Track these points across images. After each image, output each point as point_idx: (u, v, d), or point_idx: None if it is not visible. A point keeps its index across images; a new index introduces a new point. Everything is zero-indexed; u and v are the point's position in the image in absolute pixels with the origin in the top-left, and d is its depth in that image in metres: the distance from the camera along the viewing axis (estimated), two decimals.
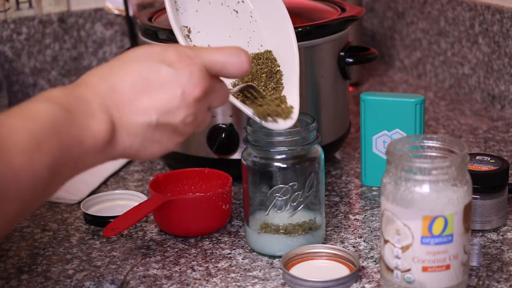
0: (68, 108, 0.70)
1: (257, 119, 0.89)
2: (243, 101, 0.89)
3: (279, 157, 0.90)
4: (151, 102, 0.73)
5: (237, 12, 0.97)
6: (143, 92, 0.73)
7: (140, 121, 0.73)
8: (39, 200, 0.69)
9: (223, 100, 0.80)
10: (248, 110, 0.90)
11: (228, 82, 0.92)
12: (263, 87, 0.92)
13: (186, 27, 0.94)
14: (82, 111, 0.70)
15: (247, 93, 0.88)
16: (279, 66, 0.93)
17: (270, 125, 0.88)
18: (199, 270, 0.91)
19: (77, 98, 0.71)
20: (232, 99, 0.90)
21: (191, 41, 0.94)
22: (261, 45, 0.96)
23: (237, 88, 0.87)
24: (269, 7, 0.96)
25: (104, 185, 1.14)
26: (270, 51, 0.94)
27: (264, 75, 0.92)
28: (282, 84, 0.93)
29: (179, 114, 0.74)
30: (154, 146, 0.75)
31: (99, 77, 0.74)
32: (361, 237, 0.97)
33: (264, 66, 0.93)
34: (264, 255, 0.93)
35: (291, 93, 0.92)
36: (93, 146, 0.71)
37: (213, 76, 0.77)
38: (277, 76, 0.93)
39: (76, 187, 1.11)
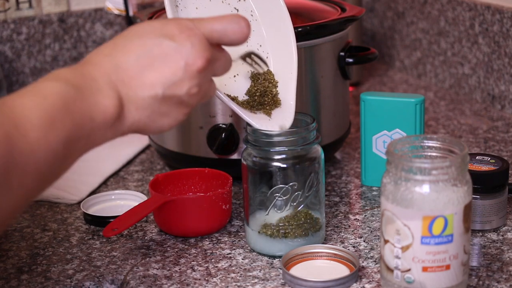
0: (76, 85, 0.71)
1: (254, 124, 0.89)
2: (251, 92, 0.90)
3: (279, 157, 0.90)
4: (155, 75, 0.75)
5: (237, 10, 0.97)
6: (147, 67, 0.75)
7: (146, 95, 0.75)
8: (55, 175, 0.71)
9: (226, 68, 0.81)
10: (244, 115, 0.90)
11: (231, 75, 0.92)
12: (257, 104, 0.92)
13: None
14: (90, 88, 0.72)
15: (250, 61, 0.88)
16: (276, 87, 0.93)
17: (265, 127, 0.88)
18: (199, 270, 0.91)
19: (85, 76, 0.73)
20: (230, 103, 0.90)
21: None
22: (260, 45, 0.96)
23: (241, 53, 0.87)
24: (270, 7, 0.96)
25: (104, 185, 1.14)
26: (271, 72, 0.94)
27: (258, 93, 0.93)
28: (278, 99, 0.93)
29: (184, 85, 0.76)
30: (162, 118, 0.77)
31: (104, 55, 0.75)
32: (361, 237, 0.97)
33: (260, 86, 0.93)
34: (264, 255, 0.93)
35: (288, 96, 0.92)
36: (103, 121, 0.72)
37: (215, 45, 0.79)
38: (273, 93, 0.93)
39: (76, 187, 1.11)
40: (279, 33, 0.96)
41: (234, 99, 0.92)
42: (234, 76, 0.94)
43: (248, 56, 0.89)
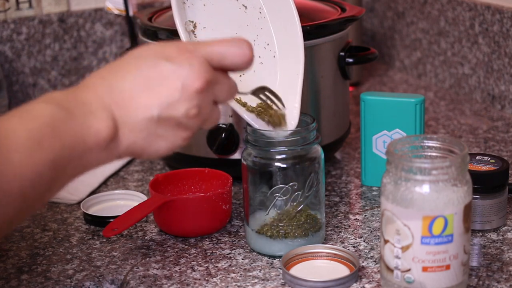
0: (67, 108, 0.70)
1: (254, 124, 0.89)
2: (259, 112, 0.89)
3: (279, 157, 0.90)
4: (151, 97, 0.73)
5: (246, 7, 0.96)
6: (143, 89, 0.73)
7: (141, 117, 0.73)
8: (42, 199, 0.69)
9: (230, 94, 0.79)
10: (245, 114, 0.90)
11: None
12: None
13: (192, 21, 0.94)
14: (82, 110, 0.71)
15: (263, 96, 0.87)
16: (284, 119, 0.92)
17: (269, 131, 0.89)
18: (199, 270, 0.91)
19: (77, 99, 0.72)
20: (230, 101, 0.90)
21: (195, 37, 0.93)
22: (268, 44, 0.96)
23: (251, 90, 0.85)
24: (279, 5, 0.96)
25: (104, 185, 1.14)
26: (283, 114, 0.91)
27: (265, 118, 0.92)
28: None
29: (181, 107, 0.73)
30: (158, 141, 0.75)
31: (99, 77, 0.74)
32: (361, 237, 0.97)
33: (267, 116, 0.92)
34: (264, 255, 0.93)
35: (294, 97, 0.92)
36: (95, 144, 0.71)
37: (218, 69, 0.77)
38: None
39: (76, 187, 1.11)
40: (287, 33, 0.95)
41: (236, 99, 0.92)
42: (240, 76, 0.94)
43: (261, 93, 0.87)
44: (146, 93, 0.73)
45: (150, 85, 0.73)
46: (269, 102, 0.87)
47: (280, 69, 0.96)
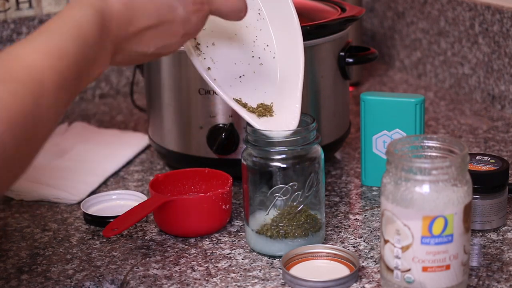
0: (93, 45, 0.73)
1: (255, 124, 0.89)
2: (259, 112, 0.92)
3: (279, 157, 0.90)
4: (154, 36, 0.80)
5: None
6: (152, 26, 0.79)
7: (139, 50, 0.80)
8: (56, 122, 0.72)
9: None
10: (245, 114, 0.90)
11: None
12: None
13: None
14: (102, 45, 0.74)
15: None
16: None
17: (269, 130, 0.89)
18: (199, 270, 0.91)
19: (102, 29, 0.74)
20: (231, 102, 0.90)
21: (195, 39, 0.93)
22: (267, 45, 0.96)
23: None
24: (278, 6, 0.96)
25: (104, 185, 1.14)
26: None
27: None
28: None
29: (171, 48, 0.83)
30: (132, 62, 0.84)
31: (123, 3, 0.76)
32: (361, 237, 0.97)
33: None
34: (264, 255, 0.93)
35: (294, 97, 0.92)
36: (96, 75, 0.75)
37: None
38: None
39: (76, 187, 1.11)
40: (287, 34, 0.95)
41: (237, 100, 0.92)
42: (240, 77, 0.94)
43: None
44: (152, 32, 0.79)
45: (159, 26, 0.79)
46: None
47: (280, 69, 0.96)
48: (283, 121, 0.91)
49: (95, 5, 0.74)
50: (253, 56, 0.96)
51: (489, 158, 0.99)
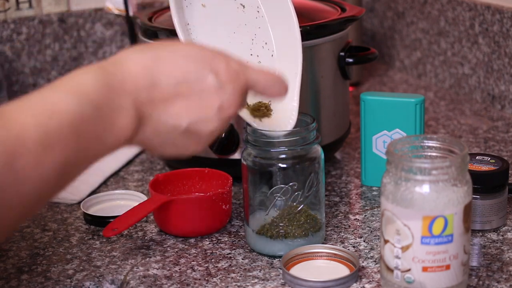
0: (95, 102, 0.65)
1: (254, 124, 0.89)
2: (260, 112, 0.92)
3: (279, 157, 0.90)
4: (186, 107, 0.71)
5: (243, 6, 0.96)
6: (182, 95, 0.71)
7: (170, 123, 0.71)
8: (42, 204, 0.65)
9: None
10: (243, 113, 0.90)
11: None
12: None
13: (188, 24, 0.94)
14: (111, 105, 0.67)
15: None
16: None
17: (269, 131, 0.89)
18: (199, 270, 0.91)
19: (110, 89, 0.67)
20: None
21: (191, 34, 0.93)
22: (266, 43, 0.96)
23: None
24: (276, 5, 0.96)
25: (104, 185, 1.14)
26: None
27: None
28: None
29: (209, 125, 0.73)
30: (171, 147, 0.74)
31: (142, 66, 0.70)
32: (361, 237, 0.97)
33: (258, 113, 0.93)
34: (264, 255, 0.93)
35: (292, 96, 0.92)
36: (115, 142, 0.68)
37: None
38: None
39: (76, 187, 1.11)
40: (285, 33, 0.95)
41: None
42: None
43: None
44: (184, 102, 0.71)
45: (189, 94, 0.71)
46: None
47: (278, 68, 0.96)
48: (280, 120, 0.91)
49: (105, 67, 0.68)
50: (251, 54, 0.96)
51: (489, 158, 0.99)
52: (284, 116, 0.92)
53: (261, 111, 0.92)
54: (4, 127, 0.61)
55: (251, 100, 0.93)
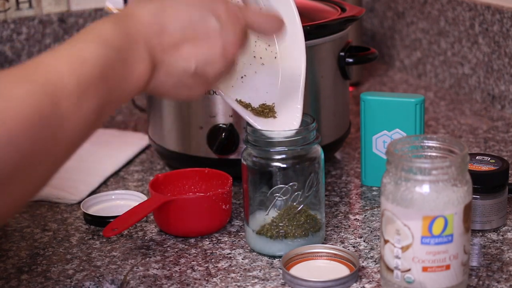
0: (118, 48, 0.72)
1: (256, 125, 0.89)
2: (262, 113, 0.92)
3: (279, 157, 0.90)
4: (194, 50, 0.77)
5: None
6: (189, 39, 0.77)
7: (180, 65, 0.77)
8: (82, 142, 0.70)
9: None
10: (247, 115, 0.90)
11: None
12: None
13: None
14: (130, 50, 0.73)
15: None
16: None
17: (270, 130, 0.89)
18: (199, 270, 0.91)
19: (128, 35, 0.73)
20: (232, 103, 0.90)
21: None
22: (269, 45, 0.96)
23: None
24: (280, 6, 0.95)
25: (104, 185, 1.14)
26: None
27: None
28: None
29: (216, 66, 0.79)
30: (183, 89, 0.80)
31: (151, 14, 0.76)
32: (361, 237, 0.97)
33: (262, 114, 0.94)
34: (264, 255, 0.93)
35: (296, 98, 0.92)
36: (135, 85, 0.74)
37: None
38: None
39: (76, 187, 1.11)
40: (289, 34, 0.95)
41: (238, 101, 0.92)
42: (242, 77, 0.94)
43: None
44: (191, 45, 0.77)
45: (195, 37, 0.77)
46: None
47: (281, 70, 0.95)
48: (284, 121, 0.91)
49: (119, 17, 0.75)
50: (254, 56, 0.96)
51: (489, 158, 0.99)
52: (288, 117, 0.92)
53: (265, 113, 0.92)
54: (43, 75, 0.66)
55: (255, 103, 0.93)
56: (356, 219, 1.02)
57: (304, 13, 1.07)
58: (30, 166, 0.64)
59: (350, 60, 1.13)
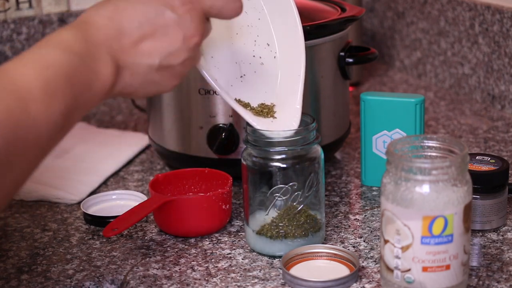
0: (79, 53, 0.72)
1: (255, 124, 0.89)
2: (261, 112, 0.92)
3: (279, 157, 0.90)
4: (154, 45, 0.77)
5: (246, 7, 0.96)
6: (148, 35, 0.77)
7: (144, 63, 0.77)
8: (53, 147, 0.71)
9: (207, 36, 0.84)
10: (246, 114, 0.90)
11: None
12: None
13: None
14: (93, 56, 0.73)
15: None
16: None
17: (270, 130, 0.89)
18: (199, 270, 0.91)
19: (87, 42, 0.74)
20: (232, 102, 0.90)
21: None
22: (268, 44, 0.96)
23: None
24: (280, 6, 0.95)
25: (104, 185, 1.14)
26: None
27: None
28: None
29: (180, 56, 0.79)
30: (151, 86, 0.80)
31: (107, 18, 0.76)
32: (361, 237, 0.97)
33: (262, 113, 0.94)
34: (264, 255, 0.93)
35: (295, 97, 0.92)
36: (101, 89, 0.74)
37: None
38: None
39: (76, 187, 1.11)
40: (288, 34, 0.95)
41: (238, 100, 0.92)
42: (241, 76, 0.94)
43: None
44: (151, 40, 0.77)
45: (154, 33, 0.77)
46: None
47: (281, 69, 0.95)
48: (283, 122, 0.91)
49: (78, 25, 0.75)
50: (254, 56, 0.96)
51: (489, 158, 0.99)
52: (287, 117, 0.92)
53: (264, 113, 0.92)
54: (10, 80, 0.67)
55: (255, 102, 0.93)
56: (356, 219, 1.02)
57: (304, 13, 1.07)
58: (3, 168, 0.65)
59: (350, 60, 1.13)
